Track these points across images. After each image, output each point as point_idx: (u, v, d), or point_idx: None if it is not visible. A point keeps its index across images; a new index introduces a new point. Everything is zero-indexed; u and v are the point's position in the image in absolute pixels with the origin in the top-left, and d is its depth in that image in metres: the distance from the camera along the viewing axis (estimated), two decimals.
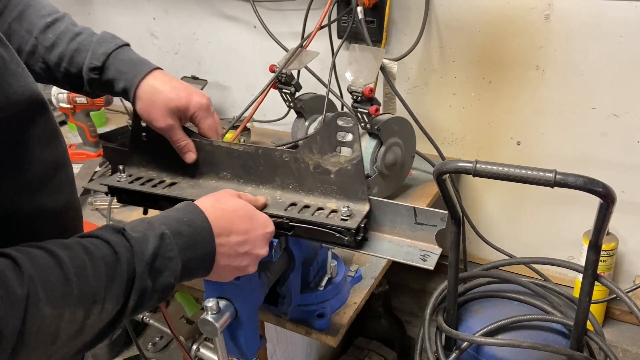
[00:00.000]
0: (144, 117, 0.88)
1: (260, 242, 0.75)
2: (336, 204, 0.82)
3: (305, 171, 0.84)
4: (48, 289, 0.52)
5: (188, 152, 0.90)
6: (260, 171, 0.88)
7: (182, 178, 0.93)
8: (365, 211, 0.80)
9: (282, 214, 0.81)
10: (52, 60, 0.86)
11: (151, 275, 0.61)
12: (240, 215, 0.73)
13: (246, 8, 1.70)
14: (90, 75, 0.85)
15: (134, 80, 0.85)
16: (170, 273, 0.63)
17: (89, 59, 0.85)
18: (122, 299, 0.59)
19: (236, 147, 0.88)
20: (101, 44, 0.86)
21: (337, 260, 1.04)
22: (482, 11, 1.42)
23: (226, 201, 0.74)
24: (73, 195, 0.72)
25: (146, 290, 0.61)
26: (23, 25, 0.85)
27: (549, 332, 0.97)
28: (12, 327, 0.48)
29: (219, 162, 0.91)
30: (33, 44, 0.85)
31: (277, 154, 0.85)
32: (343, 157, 0.81)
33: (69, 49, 0.86)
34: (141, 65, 0.87)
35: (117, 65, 0.85)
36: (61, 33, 0.86)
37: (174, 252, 0.63)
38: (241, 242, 0.72)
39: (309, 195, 0.85)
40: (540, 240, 1.58)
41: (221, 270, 0.72)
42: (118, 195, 0.94)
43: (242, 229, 0.72)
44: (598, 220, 0.76)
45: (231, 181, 0.91)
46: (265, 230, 0.76)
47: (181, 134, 0.89)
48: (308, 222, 0.80)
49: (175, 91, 0.86)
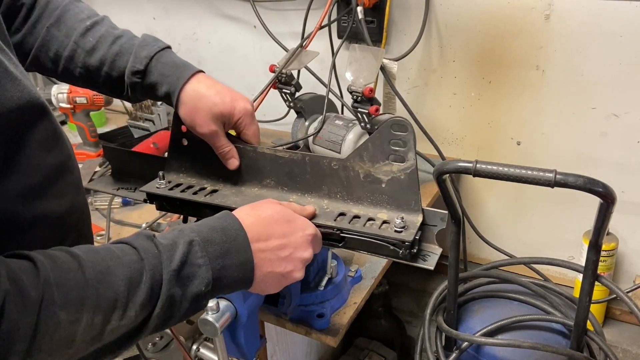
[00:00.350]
0: (187, 122, 0.86)
1: (302, 244, 0.72)
2: (387, 214, 0.80)
3: (354, 180, 0.82)
4: (65, 292, 0.51)
5: (231, 158, 0.88)
6: (307, 179, 0.85)
7: (224, 185, 0.91)
8: (418, 222, 0.77)
9: (333, 225, 0.79)
10: (93, 64, 0.84)
11: (179, 283, 0.59)
12: (276, 219, 0.71)
13: (246, 8, 1.70)
14: (132, 80, 0.84)
15: (178, 83, 0.84)
16: (201, 281, 0.61)
17: (131, 62, 0.83)
18: (149, 307, 0.57)
19: (281, 154, 0.86)
20: (143, 47, 0.84)
21: (337, 260, 1.04)
22: (482, 11, 1.42)
23: (263, 208, 0.72)
24: (78, 197, 0.70)
25: (174, 299, 0.59)
26: (62, 29, 0.84)
27: (549, 332, 0.97)
28: (25, 330, 0.47)
29: (263, 169, 0.88)
30: (72, 49, 0.84)
31: (325, 162, 0.83)
32: (396, 165, 0.78)
33: (110, 53, 0.84)
34: (184, 68, 0.86)
35: (160, 69, 0.84)
36: (101, 36, 0.85)
37: (204, 260, 0.61)
38: (281, 245, 0.69)
39: (357, 204, 0.82)
40: (540, 240, 1.57)
41: (266, 279, 0.69)
42: (158, 202, 0.91)
43: (280, 233, 0.70)
44: (598, 220, 0.75)
45: (275, 189, 0.88)
46: (305, 232, 0.73)
47: (225, 140, 0.87)
48: (361, 233, 0.77)
49: (219, 96, 0.85)
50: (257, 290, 0.70)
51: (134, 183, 1.01)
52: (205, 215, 0.84)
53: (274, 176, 0.88)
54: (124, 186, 1.01)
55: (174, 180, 0.92)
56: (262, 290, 0.71)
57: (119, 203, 1.36)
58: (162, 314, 0.59)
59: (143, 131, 1.68)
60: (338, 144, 1.32)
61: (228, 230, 0.66)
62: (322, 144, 1.36)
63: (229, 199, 0.87)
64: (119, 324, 0.55)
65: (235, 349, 0.88)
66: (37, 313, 0.48)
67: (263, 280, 0.69)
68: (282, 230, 0.70)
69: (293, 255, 0.71)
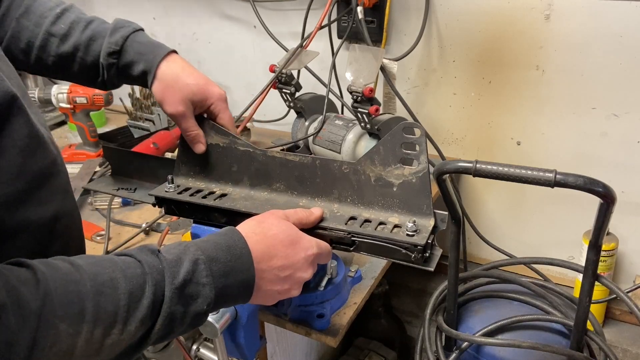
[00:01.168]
0: (157, 99, 0.86)
1: (302, 265, 0.72)
2: (399, 218, 0.79)
3: (365, 184, 0.81)
4: (65, 304, 0.50)
5: (198, 142, 0.88)
6: (317, 183, 0.84)
7: (233, 189, 0.90)
8: (430, 226, 0.77)
9: (344, 228, 0.78)
10: (67, 50, 0.84)
11: (182, 301, 0.59)
12: (281, 239, 0.71)
13: (246, 8, 1.70)
14: (108, 61, 0.84)
15: (154, 61, 0.84)
16: (203, 300, 0.61)
17: (106, 44, 0.84)
18: (149, 322, 0.57)
19: (291, 157, 0.85)
20: (117, 29, 0.85)
21: (337, 260, 1.03)
22: (482, 11, 1.42)
23: (269, 225, 0.72)
24: (66, 202, 0.68)
25: (175, 316, 0.59)
26: (31, 19, 0.83)
27: (549, 332, 0.97)
28: (24, 341, 0.47)
29: (272, 173, 0.87)
30: (44, 37, 0.83)
31: (335, 166, 0.82)
32: (408, 169, 0.78)
33: (83, 37, 0.84)
34: (159, 47, 0.87)
35: (136, 48, 0.85)
36: (73, 22, 0.85)
37: (208, 279, 0.61)
38: (283, 267, 0.70)
39: (368, 208, 0.81)
40: (540, 240, 1.58)
41: (263, 294, 0.69)
42: (166, 206, 0.90)
43: (283, 254, 0.70)
44: (598, 220, 0.75)
45: (284, 193, 0.87)
46: (307, 253, 0.73)
47: (192, 122, 0.87)
48: (372, 237, 0.77)
49: (193, 77, 0.85)
50: (251, 302, 0.70)
51: (134, 183, 1.01)
52: (215, 219, 0.85)
53: (283, 180, 0.87)
54: (123, 186, 1.01)
55: (183, 184, 0.92)
56: (256, 303, 0.72)
57: (118, 203, 1.36)
58: (161, 330, 0.58)
59: (143, 131, 1.68)
60: (338, 144, 1.32)
61: (233, 248, 0.66)
62: (322, 144, 1.35)
63: (239, 202, 0.86)
64: (119, 338, 0.54)
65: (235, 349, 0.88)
66: (36, 324, 0.48)
67: (260, 297, 0.69)
68: (286, 252, 0.70)
69: (293, 275, 0.71)
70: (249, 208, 0.83)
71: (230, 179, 0.90)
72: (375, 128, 1.21)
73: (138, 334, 0.56)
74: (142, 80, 0.86)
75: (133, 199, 1.22)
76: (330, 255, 0.79)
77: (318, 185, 0.85)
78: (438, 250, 0.79)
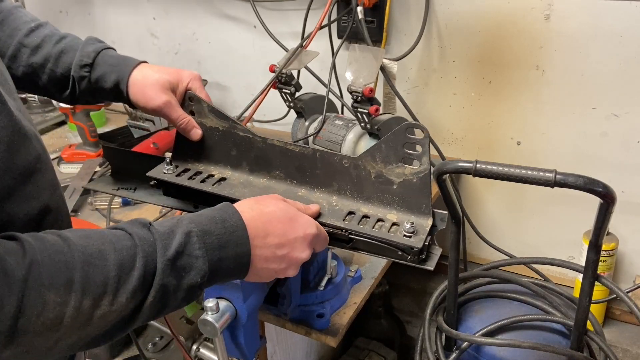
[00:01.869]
0: (139, 102, 0.86)
1: (300, 245, 0.71)
2: (397, 215, 0.79)
3: (365, 179, 0.81)
4: (52, 273, 0.51)
5: (192, 129, 0.89)
6: (317, 174, 0.84)
7: (232, 173, 0.90)
8: (428, 227, 0.77)
9: (341, 225, 0.78)
10: (37, 61, 0.86)
11: (174, 273, 0.59)
12: (278, 215, 0.70)
13: (246, 8, 1.70)
14: (80, 73, 0.86)
15: (126, 70, 0.86)
16: (197, 273, 0.61)
17: (78, 57, 0.86)
18: (140, 295, 0.57)
19: (292, 147, 0.85)
20: (89, 44, 0.88)
21: (337, 260, 1.03)
22: (482, 11, 1.42)
23: (266, 203, 0.72)
24: (54, 198, 0.68)
25: (168, 288, 0.59)
26: (5, 30, 0.86)
27: (549, 332, 0.97)
28: (9, 307, 0.47)
29: (272, 160, 0.87)
30: (16, 48, 0.85)
31: (336, 159, 0.82)
32: (409, 168, 0.78)
33: (54, 50, 0.86)
34: (130, 59, 0.89)
35: (108, 60, 0.87)
36: (46, 36, 0.87)
37: (201, 252, 0.61)
38: (279, 244, 0.69)
39: (367, 203, 0.82)
40: (540, 240, 1.58)
41: (259, 272, 0.69)
42: (164, 187, 0.90)
43: (280, 231, 0.70)
44: (598, 220, 0.76)
45: (283, 181, 0.87)
46: (305, 232, 0.72)
47: (180, 110, 0.88)
48: (370, 236, 0.76)
49: (164, 69, 0.88)
50: (247, 279, 0.70)
51: (134, 183, 1.01)
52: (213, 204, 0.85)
53: (283, 168, 0.87)
54: (123, 186, 1.01)
55: (182, 165, 0.91)
56: (252, 280, 0.71)
57: (118, 203, 1.36)
58: (155, 303, 0.58)
59: (143, 131, 1.68)
60: (338, 144, 1.32)
61: (227, 222, 0.65)
62: (322, 144, 1.36)
63: (237, 189, 0.86)
64: (110, 309, 0.55)
65: (235, 349, 0.88)
66: (22, 292, 0.48)
67: (255, 274, 0.69)
68: (283, 228, 0.70)
69: (290, 254, 0.71)
70: (247, 195, 0.83)
71: (229, 163, 0.90)
72: (375, 128, 1.21)
73: (130, 306, 0.57)
74: (115, 92, 0.88)
75: (133, 199, 1.22)
76: (327, 242, 0.78)
77: (318, 177, 0.85)
78: (437, 250, 0.79)
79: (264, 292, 0.88)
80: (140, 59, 0.91)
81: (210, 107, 0.89)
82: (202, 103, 0.89)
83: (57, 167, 1.59)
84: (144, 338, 1.81)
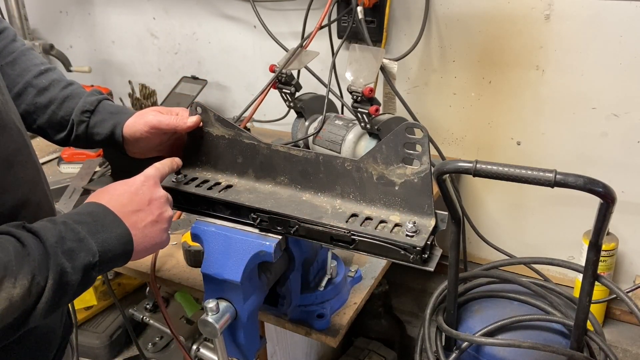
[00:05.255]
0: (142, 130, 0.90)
1: (159, 207, 0.77)
2: (399, 216, 0.80)
3: (367, 181, 0.82)
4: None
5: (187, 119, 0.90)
6: (320, 179, 0.86)
7: (238, 180, 0.92)
8: (431, 227, 0.77)
9: (344, 227, 0.79)
10: (41, 102, 0.91)
11: (66, 256, 0.63)
12: (125, 189, 0.75)
13: (246, 8, 1.70)
14: (81, 118, 0.91)
15: (123, 117, 0.92)
16: (87, 253, 0.65)
17: (82, 102, 0.91)
18: (40, 277, 0.60)
19: (295, 152, 0.86)
20: (92, 95, 0.94)
21: (337, 260, 1.03)
22: (482, 11, 1.42)
23: (112, 189, 0.76)
24: (34, 194, 0.72)
25: (65, 269, 0.62)
26: (16, 69, 0.91)
27: (549, 332, 0.97)
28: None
29: (277, 166, 0.89)
30: (23, 87, 0.90)
31: (338, 162, 0.83)
32: (410, 169, 0.78)
33: (61, 95, 0.92)
34: (128, 109, 0.95)
35: (107, 108, 0.93)
36: (54, 80, 0.93)
37: (83, 234, 0.65)
38: (138, 210, 0.74)
39: (370, 206, 0.82)
40: (540, 240, 1.58)
41: (143, 240, 0.74)
42: (173, 195, 0.90)
43: (136, 200, 0.75)
44: (598, 220, 0.76)
45: (288, 187, 0.89)
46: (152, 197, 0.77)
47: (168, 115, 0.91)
48: (372, 236, 0.77)
49: (156, 110, 0.93)
50: (138, 253, 0.74)
51: None
52: (220, 211, 0.87)
53: (287, 174, 0.88)
54: None
55: (190, 174, 0.93)
56: (143, 250, 0.75)
57: None
58: (57, 283, 0.61)
59: None
60: (338, 144, 1.32)
61: (95, 214, 0.70)
62: (322, 144, 1.35)
63: (243, 195, 0.87)
64: (13, 291, 0.58)
65: (235, 349, 0.88)
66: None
67: (143, 245, 0.74)
68: (135, 199, 0.75)
69: (152, 210, 0.76)
70: (253, 202, 0.84)
71: (235, 170, 0.92)
72: (375, 128, 1.21)
73: (36, 287, 0.60)
74: (109, 138, 0.92)
75: None
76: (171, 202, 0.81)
77: (321, 181, 0.86)
78: (438, 251, 0.79)
79: (264, 292, 0.88)
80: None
81: (216, 116, 0.91)
82: (208, 112, 0.91)
83: (57, 167, 1.59)
84: (144, 338, 1.81)
